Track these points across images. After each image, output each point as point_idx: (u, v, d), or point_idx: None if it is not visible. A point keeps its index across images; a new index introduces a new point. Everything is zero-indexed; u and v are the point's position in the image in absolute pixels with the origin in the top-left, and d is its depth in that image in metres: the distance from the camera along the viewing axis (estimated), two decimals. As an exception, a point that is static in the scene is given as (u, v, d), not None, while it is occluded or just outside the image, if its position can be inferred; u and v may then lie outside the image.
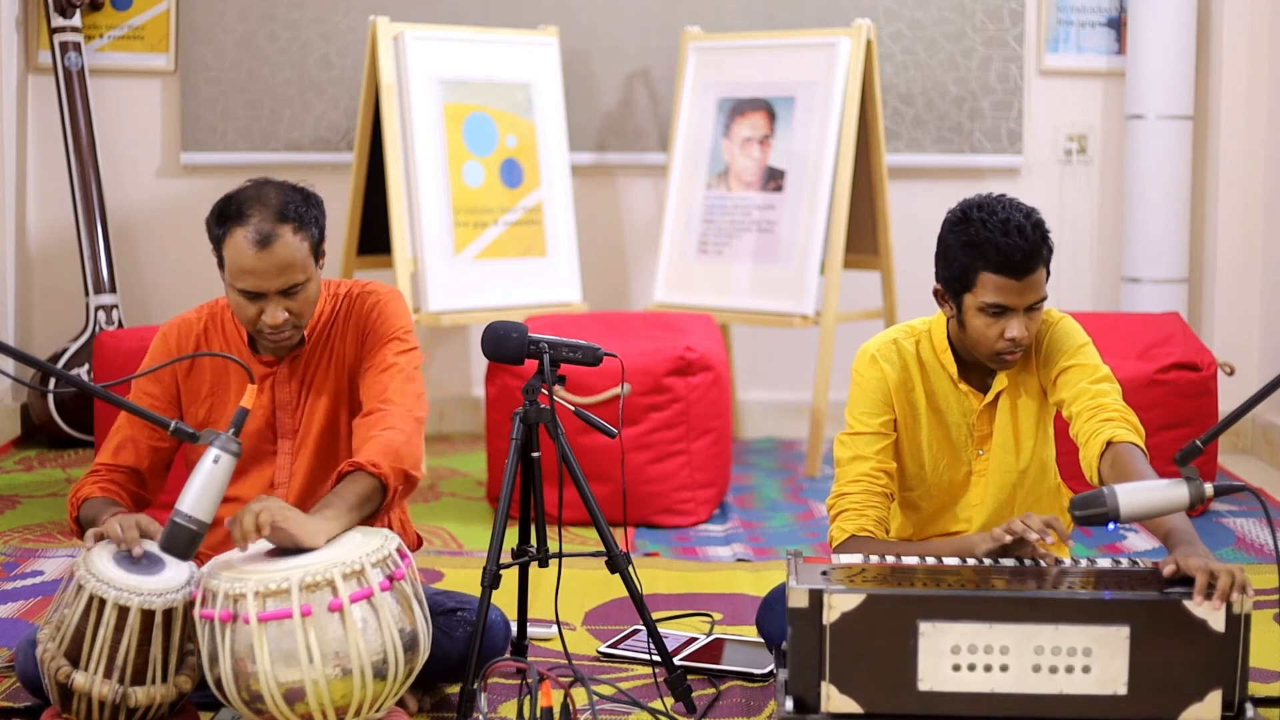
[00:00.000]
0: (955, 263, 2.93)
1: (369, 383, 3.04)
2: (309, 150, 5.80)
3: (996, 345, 2.94)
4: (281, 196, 2.98)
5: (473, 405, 5.90)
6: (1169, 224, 5.67)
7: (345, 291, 3.15)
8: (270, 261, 2.92)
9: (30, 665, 2.88)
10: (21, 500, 4.84)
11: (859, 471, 3.05)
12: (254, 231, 2.92)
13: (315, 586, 2.65)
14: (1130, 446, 2.84)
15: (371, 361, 3.06)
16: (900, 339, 3.10)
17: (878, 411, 3.06)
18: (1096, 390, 2.94)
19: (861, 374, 3.09)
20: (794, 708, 2.62)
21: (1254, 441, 5.66)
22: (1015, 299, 2.90)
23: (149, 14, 5.86)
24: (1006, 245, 2.86)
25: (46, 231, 5.89)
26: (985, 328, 2.93)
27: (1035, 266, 2.89)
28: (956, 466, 3.10)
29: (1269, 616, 3.62)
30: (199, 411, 3.11)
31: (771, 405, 5.97)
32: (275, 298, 2.96)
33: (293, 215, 2.96)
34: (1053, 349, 3.02)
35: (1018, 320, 2.91)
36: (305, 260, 2.97)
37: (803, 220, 5.31)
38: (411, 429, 2.97)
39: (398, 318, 3.10)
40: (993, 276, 2.89)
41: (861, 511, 3.02)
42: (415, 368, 3.08)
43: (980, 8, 5.83)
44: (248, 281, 2.94)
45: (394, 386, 3.01)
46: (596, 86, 5.88)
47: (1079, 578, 2.70)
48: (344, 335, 3.11)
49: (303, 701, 2.65)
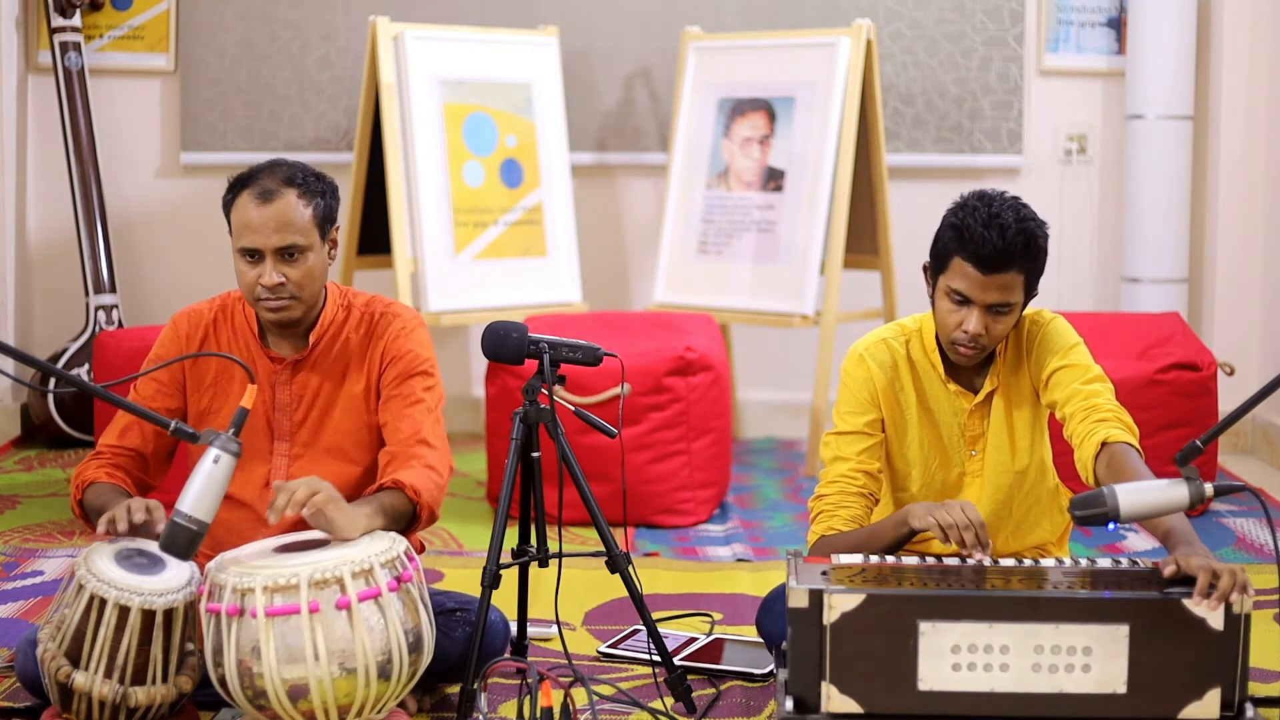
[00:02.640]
0: (939, 241, 2.96)
1: (396, 414, 3.06)
2: (309, 150, 5.80)
3: (953, 334, 2.95)
4: (291, 167, 3.05)
5: (473, 405, 5.90)
6: (1169, 224, 5.68)
7: (362, 304, 3.14)
8: (270, 215, 2.96)
9: (30, 665, 2.88)
10: (21, 500, 4.84)
11: (838, 472, 3.06)
12: (258, 188, 2.98)
13: (324, 584, 2.66)
14: (1125, 447, 2.84)
15: (397, 391, 3.07)
16: (890, 338, 3.10)
17: (863, 411, 3.07)
18: (1089, 391, 2.94)
19: (849, 373, 3.10)
20: (794, 708, 2.62)
21: (1254, 441, 5.67)
22: (977, 292, 2.90)
23: (149, 14, 5.86)
24: (983, 237, 2.87)
25: (46, 231, 5.89)
26: (947, 313, 2.95)
27: (1006, 268, 2.88)
28: (949, 467, 3.10)
29: (1269, 616, 3.62)
30: (201, 400, 3.11)
31: (771, 405, 5.97)
32: (274, 259, 2.97)
33: (299, 182, 3.01)
34: (1044, 350, 3.01)
35: (977, 315, 2.91)
36: (307, 227, 2.99)
37: (803, 220, 5.32)
38: (447, 478, 3.04)
39: (425, 348, 3.13)
40: (963, 263, 2.90)
41: (834, 512, 3.03)
42: (440, 407, 3.12)
43: (980, 8, 5.83)
44: (248, 238, 2.97)
45: (428, 427, 3.05)
46: (596, 86, 5.88)
47: (1079, 577, 2.71)
48: (361, 351, 3.10)
49: (306, 699, 2.65)
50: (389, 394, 3.08)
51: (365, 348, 3.11)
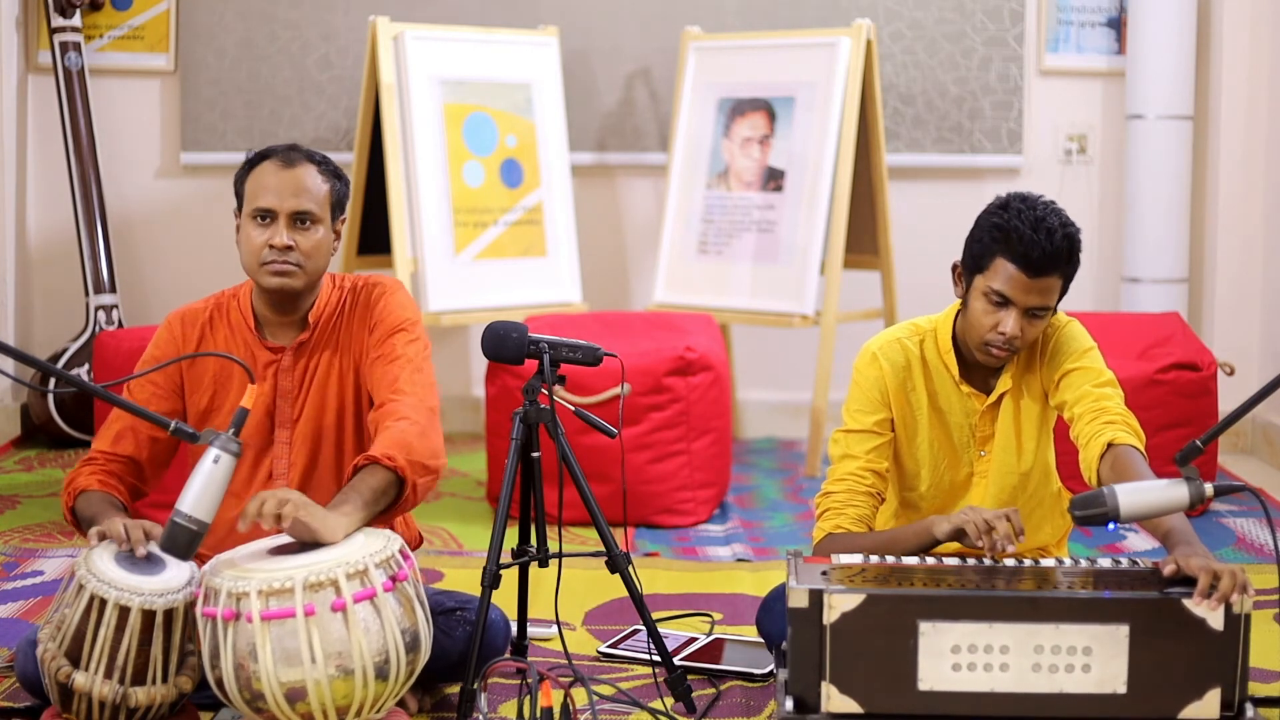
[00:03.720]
0: (979, 241, 2.94)
1: (378, 373, 3.05)
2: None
3: (987, 335, 2.94)
4: (310, 149, 3.13)
5: (473, 405, 5.90)
6: (1169, 224, 5.68)
7: (350, 284, 3.17)
8: (289, 179, 3.03)
9: (30, 665, 2.87)
10: (21, 500, 4.84)
11: (846, 470, 3.06)
12: (281, 157, 3.07)
13: (319, 586, 2.65)
14: (1130, 449, 2.84)
15: (379, 352, 3.07)
16: (904, 338, 3.10)
17: (873, 410, 3.07)
18: (1099, 394, 2.95)
19: (860, 371, 3.10)
20: (794, 708, 2.62)
21: (1254, 441, 5.67)
22: (1019, 294, 2.90)
23: (149, 14, 5.86)
24: (1031, 239, 2.87)
25: (46, 231, 5.89)
26: (983, 314, 2.94)
27: (1050, 272, 2.89)
28: (958, 467, 3.10)
29: (1269, 616, 3.62)
30: (201, 400, 3.11)
31: (771, 405, 5.97)
32: (287, 222, 3.01)
33: (319, 160, 3.10)
34: (1058, 351, 3.02)
35: (1015, 317, 2.92)
36: (323, 200, 3.06)
37: (803, 220, 5.32)
38: (425, 419, 2.97)
39: (404, 308, 3.12)
40: (1007, 265, 2.90)
41: (841, 510, 3.03)
42: (425, 358, 3.09)
43: (980, 8, 5.83)
44: (264, 198, 3.02)
45: (404, 377, 3.02)
46: (596, 86, 5.88)
47: (1079, 577, 2.71)
48: (350, 326, 3.12)
49: (304, 701, 2.65)
50: (373, 356, 3.08)
51: (352, 321, 3.13)
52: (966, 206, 5.91)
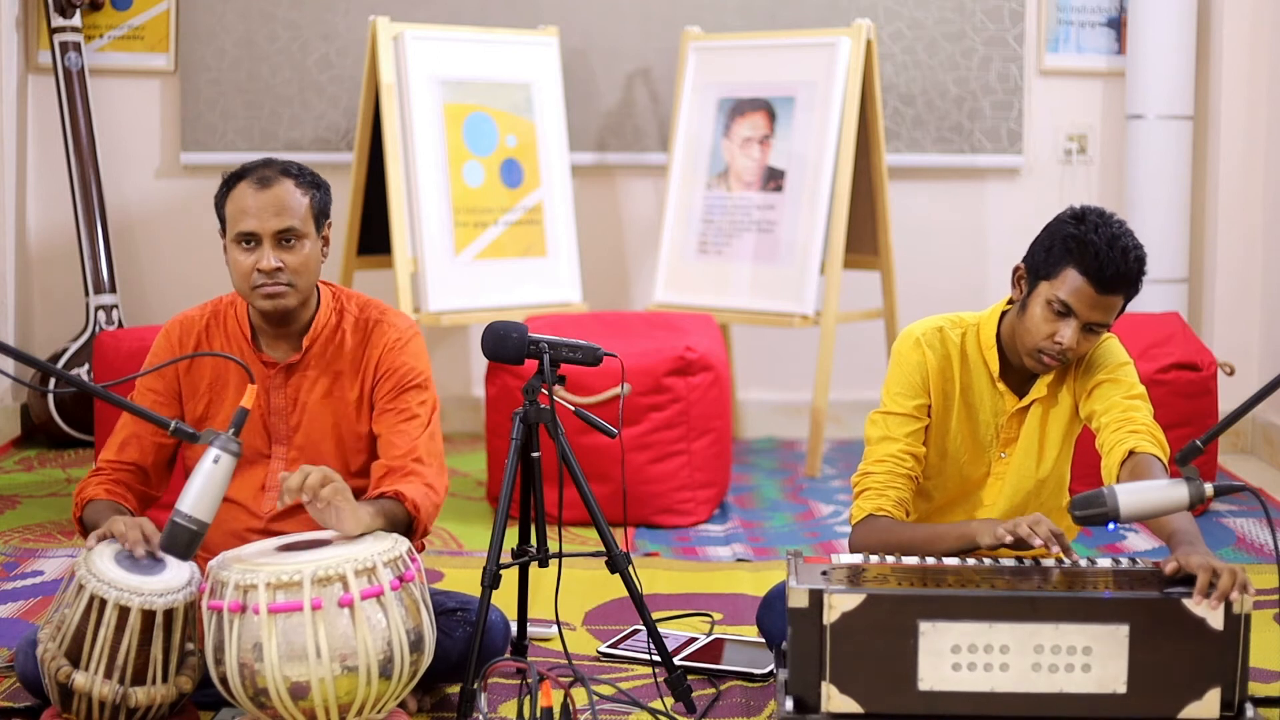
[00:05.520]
0: (1052, 250, 2.94)
1: (391, 428, 3.06)
2: (309, 150, 5.80)
3: (1042, 343, 2.94)
4: (285, 162, 3.10)
5: (473, 405, 5.90)
6: (1169, 224, 5.67)
7: (357, 309, 3.14)
8: (268, 199, 3.00)
9: (30, 665, 2.88)
10: (21, 500, 4.84)
11: (886, 452, 3.05)
12: (256, 177, 3.04)
13: (327, 581, 2.66)
14: (1152, 458, 2.86)
15: (393, 405, 3.07)
16: (947, 328, 3.10)
17: (914, 394, 3.07)
18: (1128, 404, 2.96)
19: (903, 355, 3.09)
20: (794, 708, 2.62)
21: (1254, 441, 5.67)
22: (1085, 308, 2.91)
23: (149, 14, 5.86)
24: (1106, 255, 2.88)
25: (46, 231, 5.89)
26: (1042, 320, 2.94)
27: (1118, 290, 2.91)
28: (977, 464, 3.11)
29: (1269, 616, 3.62)
30: (197, 407, 3.11)
31: (771, 405, 5.97)
32: (271, 243, 2.99)
33: (295, 173, 3.07)
34: (1094, 363, 3.03)
35: (1074, 329, 2.92)
36: (304, 215, 3.03)
37: (803, 220, 5.32)
38: (442, 497, 3.05)
39: (418, 359, 3.12)
40: (1077, 276, 2.90)
41: (882, 491, 3.03)
42: (436, 418, 3.12)
43: (980, 8, 5.83)
44: (245, 222, 2.99)
45: (424, 444, 3.05)
46: (596, 86, 5.88)
47: (1079, 577, 2.71)
48: (355, 359, 3.10)
49: (307, 698, 2.65)
50: (383, 407, 3.08)
51: (359, 355, 3.10)
52: (967, 206, 5.99)
